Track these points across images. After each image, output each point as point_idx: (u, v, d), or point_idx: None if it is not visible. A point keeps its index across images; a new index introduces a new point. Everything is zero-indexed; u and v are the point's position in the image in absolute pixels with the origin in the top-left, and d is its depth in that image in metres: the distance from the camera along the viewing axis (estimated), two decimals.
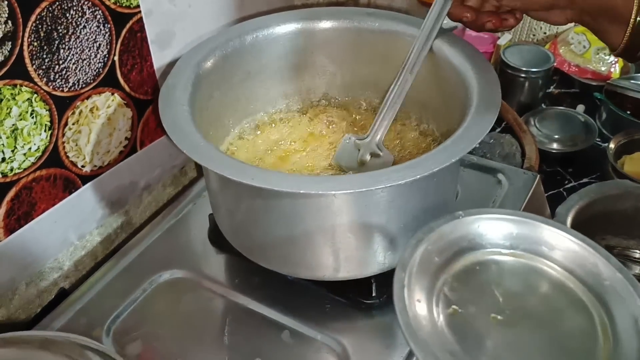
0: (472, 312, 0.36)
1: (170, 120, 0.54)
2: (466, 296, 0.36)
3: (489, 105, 0.54)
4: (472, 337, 0.34)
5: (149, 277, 0.65)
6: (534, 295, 0.36)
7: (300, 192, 0.46)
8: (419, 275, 0.37)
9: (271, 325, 0.60)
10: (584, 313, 0.35)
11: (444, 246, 0.39)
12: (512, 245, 0.39)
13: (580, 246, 0.37)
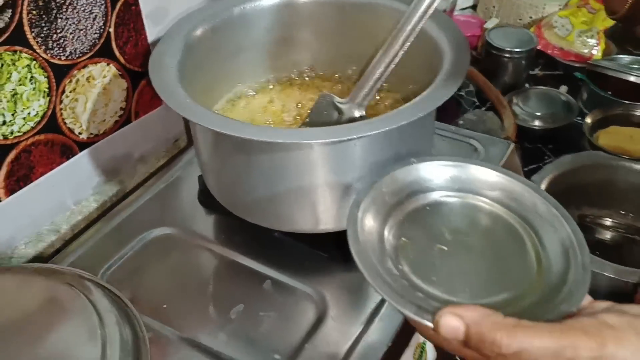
0: (419, 244, 0.40)
1: (159, 80, 0.57)
2: (415, 231, 0.41)
3: (459, 68, 0.57)
4: (418, 263, 0.38)
5: (140, 234, 0.69)
6: (476, 230, 0.41)
7: (277, 141, 0.50)
8: (372, 213, 0.41)
9: (254, 276, 0.63)
10: (519, 242, 0.40)
11: (396, 189, 0.43)
12: (459, 187, 0.43)
13: (518, 185, 0.42)
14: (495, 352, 0.31)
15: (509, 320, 0.32)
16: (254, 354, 0.56)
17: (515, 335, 0.31)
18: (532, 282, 0.37)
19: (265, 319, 0.59)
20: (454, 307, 0.33)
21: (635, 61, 1.06)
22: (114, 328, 0.40)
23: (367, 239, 0.40)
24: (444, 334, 0.33)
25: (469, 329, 0.32)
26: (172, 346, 0.57)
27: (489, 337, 0.32)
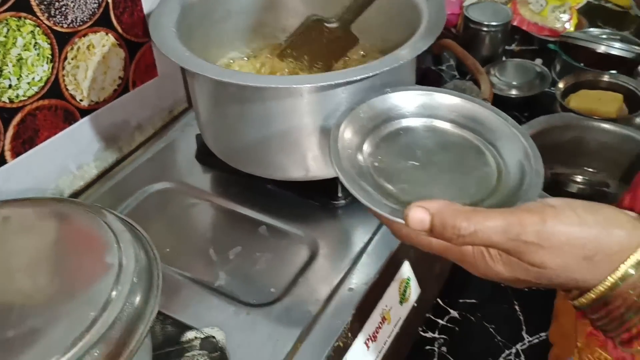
0: (393, 161, 0.45)
1: (159, 36, 0.62)
2: (389, 151, 0.45)
3: (436, 23, 0.63)
4: (391, 176, 0.43)
5: (141, 188, 0.73)
6: (443, 148, 0.46)
7: (266, 86, 0.55)
8: (350, 134, 0.46)
9: (250, 222, 0.68)
10: (481, 156, 0.45)
11: (372, 115, 0.48)
12: (429, 113, 0.48)
13: (480, 108, 0.48)
14: (456, 235, 0.35)
15: (467, 208, 0.36)
16: (251, 289, 0.61)
17: (471, 218, 0.35)
18: (493, 188, 0.42)
19: (261, 259, 0.64)
20: (421, 201, 0.37)
21: (604, 33, 1.12)
22: (129, 246, 0.44)
23: (346, 154, 0.44)
24: (412, 225, 0.37)
25: (433, 218, 0.36)
26: (176, 284, 0.62)
27: (450, 222, 0.35)
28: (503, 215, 0.35)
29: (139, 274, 0.42)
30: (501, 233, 0.34)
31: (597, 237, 0.35)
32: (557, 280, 0.36)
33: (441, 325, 0.74)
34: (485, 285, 0.79)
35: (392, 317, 0.63)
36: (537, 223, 0.34)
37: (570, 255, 0.35)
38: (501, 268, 0.37)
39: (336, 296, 0.59)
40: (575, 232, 0.34)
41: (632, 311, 0.35)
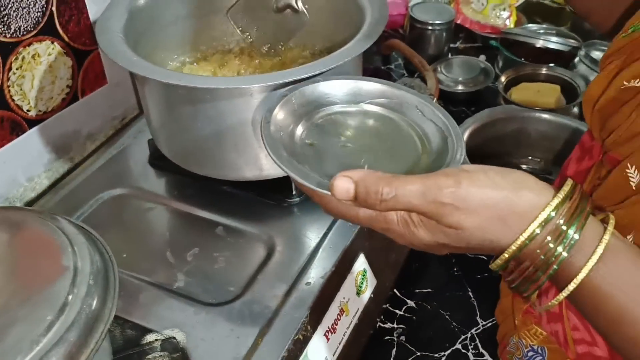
0: (324, 143, 0.47)
1: (106, 41, 0.62)
2: (321, 134, 0.48)
3: (379, 20, 0.65)
4: (323, 156, 0.46)
5: (95, 196, 0.72)
6: (372, 130, 0.49)
7: (219, 87, 0.56)
8: (283, 118, 0.48)
9: (207, 223, 0.69)
10: (407, 136, 0.48)
11: (304, 102, 0.50)
12: (359, 100, 0.51)
13: (404, 93, 0.51)
14: (379, 200, 0.37)
15: (388, 174, 0.38)
16: (210, 288, 0.62)
17: (392, 183, 0.37)
18: (418, 162, 0.46)
19: (220, 259, 0.65)
20: (345, 171, 0.38)
21: (542, 29, 1.18)
22: (84, 249, 0.44)
23: (278, 136, 0.46)
24: (338, 194, 0.38)
25: (357, 185, 0.37)
26: (135, 288, 0.62)
27: (373, 188, 0.37)
28: (422, 179, 0.37)
29: (95, 276, 0.43)
30: (420, 196, 0.36)
31: (507, 197, 0.36)
32: (473, 241, 0.37)
33: (399, 316, 0.76)
34: (439, 275, 0.82)
35: (350, 309, 0.64)
36: (452, 185, 0.36)
37: (484, 216, 0.36)
38: (423, 233, 0.38)
39: (294, 291, 0.61)
40: (487, 193, 0.36)
41: (540, 270, 0.37)
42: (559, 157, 0.92)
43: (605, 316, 0.38)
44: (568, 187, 0.38)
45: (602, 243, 0.37)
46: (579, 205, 0.37)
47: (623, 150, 0.47)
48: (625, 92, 0.47)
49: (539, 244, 0.37)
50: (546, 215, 0.36)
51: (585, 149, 0.58)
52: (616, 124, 0.48)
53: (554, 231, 0.36)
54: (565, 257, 0.36)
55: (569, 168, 0.60)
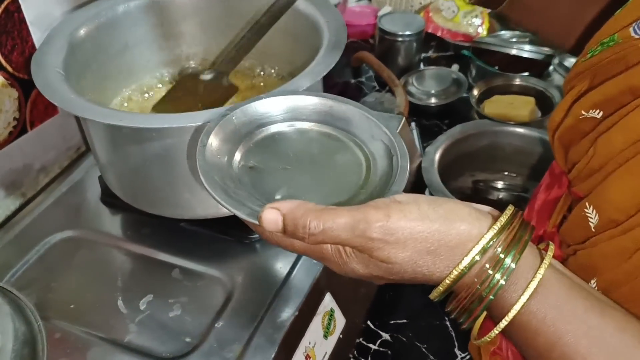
0: (265, 166, 0.44)
1: (42, 78, 0.57)
2: (262, 156, 0.45)
3: (337, 43, 0.61)
4: (263, 181, 0.43)
5: (43, 239, 0.68)
6: (315, 149, 0.46)
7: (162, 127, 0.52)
8: (223, 139, 0.45)
9: (162, 266, 0.64)
10: (351, 153, 0.46)
11: (246, 121, 0.47)
12: (305, 117, 0.48)
13: (345, 105, 0.48)
14: (308, 233, 0.36)
15: (317, 207, 0.37)
16: (165, 340, 0.57)
17: (321, 217, 0.36)
18: (362, 184, 0.43)
19: (175, 305, 0.60)
20: (274, 202, 0.37)
21: (515, 36, 1.14)
22: (7, 321, 0.40)
23: (215, 161, 0.43)
24: (267, 226, 0.37)
25: (285, 218, 0.37)
26: (82, 344, 0.57)
27: (301, 222, 0.36)
28: (350, 212, 0.36)
29: (18, 353, 0.38)
30: (349, 230, 0.35)
31: (438, 230, 0.36)
32: (406, 275, 0.37)
33: (373, 351, 0.72)
34: (414, 303, 0.78)
35: (317, 354, 0.60)
36: (381, 219, 0.35)
37: (414, 250, 0.36)
38: (356, 265, 0.38)
39: (255, 339, 0.57)
40: (417, 226, 0.36)
41: (477, 300, 0.36)
42: (535, 172, 0.89)
43: (534, 351, 0.37)
44: (506, 216, 0.37)
45: (536, 279, 0.36)
46: (517, 234, 0.37)
47: (583, 187, 0.44)
48: (585, 123, 0.44)
49: (477, 272, 0.36)
50: (485, 243, 0.36)
51: (555, 175, 0.55)
52: (577, 157, 0.45)
53: (492, 259, 0.36)
54: (502, 285, 0.36)
55: (538, 197, 0.57)
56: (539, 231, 0.53)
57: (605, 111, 0.43)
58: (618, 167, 0.40)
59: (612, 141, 0.41)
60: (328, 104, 0.48)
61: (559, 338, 0.36)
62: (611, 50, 0.45)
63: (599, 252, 0.40)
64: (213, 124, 0.45)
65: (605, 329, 0.36)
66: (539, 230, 0.53)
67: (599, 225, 0.40)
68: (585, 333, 0.36)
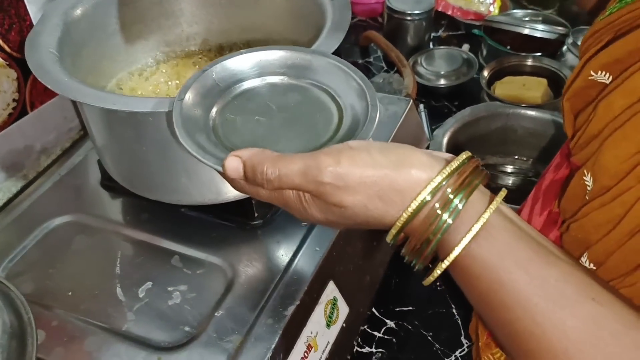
0: (241, 118, 0.45)
1: (35, 59, 0.55)
2: (239, 109, 0.46)
3: (341, 22, 0.58)
4: (238, 132, 0.44)
5: (41, 224, 0.67)
6: (291, 102, 0.47)
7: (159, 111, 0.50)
8: (201, 94, 0.45)
9: (161, 253, 0.63)
10: (324, 105, 0.46)
11: (226, 76, 0.47)
12: (284, 72, 0.48)
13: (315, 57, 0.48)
14: (265, 179, 0.38)
15: (274, 154, 0.38)
16: (164, 329, 0.56)
17: (276, 163, 0.37)
18: (332, 135, 0.44)
19: (174, 293, 0.59)
20: (236, 151, 0.39)
21: (528, 15, 1.11)
22: None
23: (191, 114, 0.43)
24: (229, 173, 0.39)
25: (245, 165, 0.38)
26: (79, 332, 0.56)
27: (259, 168, 0.38)
28: (303, 158, 0.37)
29: (6, 347, 0.37)
30: (302, 175, 0.37)
31: (387, 175, 0.36)
32: (359, 219, 0.38)
33: (378, 338, 0.71)
34: (421, 290, 0.76)
35: (320, 344, 0.59)
36: (332, 164, 0.36)
37: (365, 194, 0.37)
38: (314, 210, 0.39)
39: (255, 329, 0.55)
40: (367, 172, 0.36)
41: (426, 241, 0.37)
42: (547, 155, 0.86)
43: (475, 295, 0.38)
44: (459, 161, 0.38)
45: (479, 222, 0.36)
46: (467, 178, 0.37)
47: (582, 155, 0.42)
48: (593, 86, 0.43)
49: (427, 213, 0.37)
50: (434, 185, 0.36)
51: (565, 155, 0.52)
52: (581, 124, 0.44)
53: (441, 199, 0.36)
54: (449, 224, 0.36)
55: (546, 177, 0.54)
56: (544, 211, 0.52)
57: (614, 75, 0.41)
58: (614, 131, 0.38)
59: (611, 104, 0.39)
60: (305, 57, 0.48)
61: (500, 285, 0.36)
62: (629, 7, 0.43)
63: (590, 222, 0.40)
64: (192, 79, 0.45)
65: (548, 279, 0.36)
66: (544, 210, 0.52)
67: (592, 192, 0.39)
68: (526, 283, 0.36)
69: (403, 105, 0.77)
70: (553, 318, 0.35)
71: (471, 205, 0.37)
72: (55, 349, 0.54)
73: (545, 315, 0.35)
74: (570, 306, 0.35)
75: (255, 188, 0.40)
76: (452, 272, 0.39)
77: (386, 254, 0.75)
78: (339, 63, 0.47)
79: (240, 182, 0.40)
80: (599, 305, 0.35)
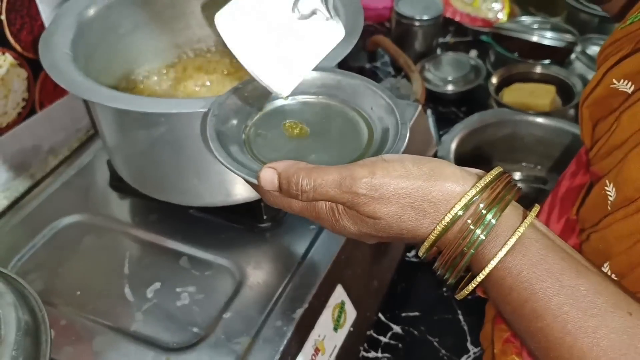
0: (272, 135, 0.46)
1: (50, 61, 0.56)
2: (270, 126, 0.47)
3: (354, 28, 0.59)
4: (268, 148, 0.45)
5: (50, 223, 0.67)
6: (320, 120, 0.47)
7: (171, 112, 0.50)
8: (234, 109, 0.46)
9: (170, 254, 0.63)
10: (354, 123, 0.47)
11: (257, 95, 0.47)
12: (315, 92, 0.49)
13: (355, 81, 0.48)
14: (300, 191, 0.38)
15: (309, 165, 0.38)
16: (172, 330, 0.56)
17: (311, 174, 0.38)
18: (364, 152, 0.44)
19: (183, 294, 0.59)
20: (271, 163, 0.39)
21: (536, 22, 1.11)
22: (10, 311, 0.39)
23: (223, 129, 0.44)
24: (264, 185, 0.39)
25: (280, 176, 0.39)
26: (88, 332, 0.56)
27: (294, 179, 0.38)
28: (338, 170, 0.37)
29: (21, 343, 0.37)
30: (337, 186, 0.37)
31: (421, 187, 0.37)
32: (392, 230, 0.38)
33: (384, 343, 0.71)
34: (427, 296, 0.76)
35: (327, 347, 0.59)
36: (367, 175, 0.37)
37: (399, 205, 0.37)
38: (347, 222, 0.39)
39: (263, 331, 0.55)
40: (401, 183, 0.37)
41: (458, 256, 0.37)
42: (557, 163, 0.86)
43: (507, 306, 0.38)
44: (492, 175, 0.38)
45: (515, 235, 0.36)
46: (500, 192, 0.37)
47: (603, 165, 0.42)
48: (615, 95, 0.43)
49: (460, 227, 0.37)
50: (468, 199, 0.36)
51: (582, 162, 0.52)
52: (601, 133, 0.43)
53: (474, 214, 0.36)
54: (482, 239, 0.36)
55: (562, 185, 0.54)
56: (562, 218, 0.52)
57: (637, 85, 0.41)
58: None
59: (637, 115, 0.39)
60: (334, 78, 0.49)
61: (532, 294, 0.36)
62: None
63: (613, 233, 0.40)
64: (225, 95, 0.46)
65: (579, 289, 0.36)
66: (562, 217, 0.52)
67: (615, 204, 0.39)
68: (557, 292, 0.36)
69: (412, 111, 0.78)
70: (584, 326, 0.35)
71: (504, 219, 0.37)
72: (64, 348, 0.54)
73: (576, 324, 0.35)
74: (601, 316, 0.35)
75: (288, 200, 0.40)
76: (485, 284, 0.38)
77: (394, 259, 0.75)
78: (367, 83, 0.48)
79: (274, 194, 0.40)
80: (631, 317, 0.35)
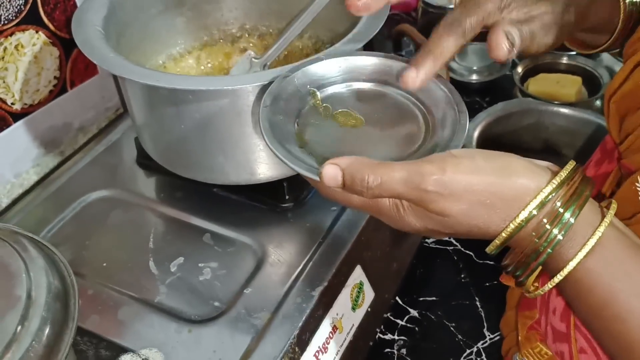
0: (327, 124, 0.45)
1: (83, 38, 0.57)
2: (324, 115, 0.45)
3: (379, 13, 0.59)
4: (323, 140, 0.44)
5: (79, 197, 0.69)
6: (374, 109, 0.46)
7: (200, 89, 0.51)
8: (284, 102, 0.45)
9: (193, 230, 0.64)
10: (409, 112, 0.46)
11: (307, 81, 0.47)
12: (366, 78, 0.48)
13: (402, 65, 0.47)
14: (365, 187, 0.37)
15: (374, 162, 0.37)
16: (194, 303, 0.58)
17: (377, 170, 0.36)
18: (422, 143, 0.43)
19: (205, 270, 0.60)
20: (334, 159, 0.38)
21: None
22: (41, 275, 0.40)
23: (276, 120, 0.43)
24: (327, 182, 0.38)
25: (344, 173, 0.37)
26: (113, 302, 0.58)
27: (359, 176, 0.37)
28: (405, 166, 0.36)
29: (51, 306, 0.39)
30: (404, 183, 0.36)
31: (493, 183, 0.35)
32: (461, 228, 0.37)
33: (400, 326, 0.72)
34: (445, 281, 0.77)
35: (344, 325, 0.60)
36: (436, 172, 0.35)
37: (469, 202, 0.36)
38: (412, 219, 0.38)
39: (283, 308, 0.56)
40: (471, 179, 0.35)
41: (533, 254, 0.36)
42: (581, 153, 0.85)
43: (586, 308, 0.37)
44: (567, 170, 0.36)
45: (595, 236, 0.35)
46: (577, 188, 0.36)
47: (636, 160, 0.42)
48: None
49: (535, 226, 0.35)
50: (543, 197, 0.35)
51: (607, 150, 0.52)
52: (632, 128, 0.43)
53: (550, 213, 0.35)
54: (560, 240, 0.35)
55: (587, 173, 0.54)
56: None
57: None
58: None
59: None
60: (387, 64, 0.47)
61: (613, 296, 0.35)
62: None
63: None
64: (275, 84, 0.45)
65: None
66: None
67: None
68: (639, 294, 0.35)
69: None
70: None
71: (582, 216, 0.35)
72: (91, 317, 0.56)
73: None
74: None
75: (348, 196, 0.39)
76: (561, 284, 0.37)
77: (413, 243, 0.76)
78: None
79: (335, 190, 0.39)
80: None
